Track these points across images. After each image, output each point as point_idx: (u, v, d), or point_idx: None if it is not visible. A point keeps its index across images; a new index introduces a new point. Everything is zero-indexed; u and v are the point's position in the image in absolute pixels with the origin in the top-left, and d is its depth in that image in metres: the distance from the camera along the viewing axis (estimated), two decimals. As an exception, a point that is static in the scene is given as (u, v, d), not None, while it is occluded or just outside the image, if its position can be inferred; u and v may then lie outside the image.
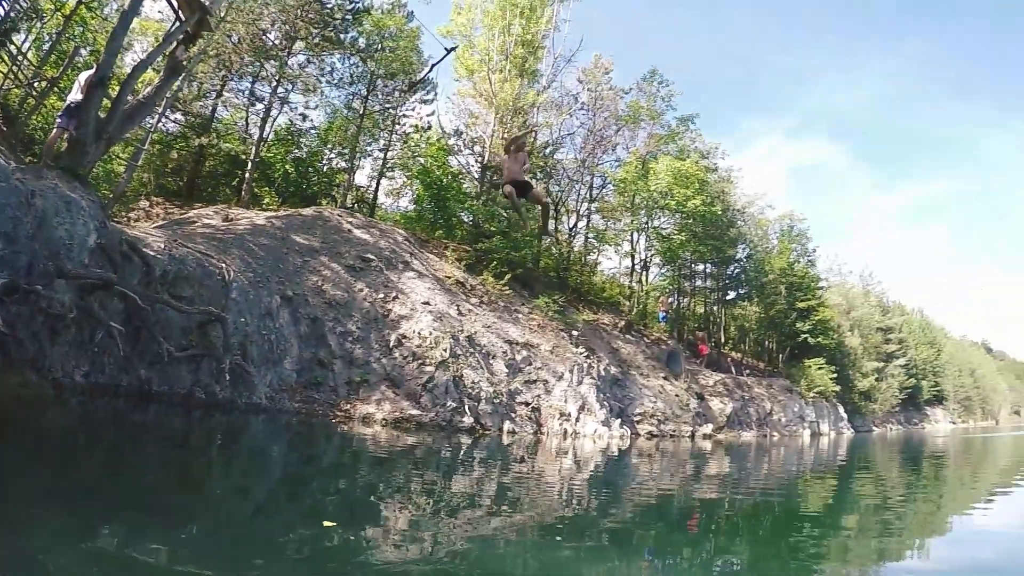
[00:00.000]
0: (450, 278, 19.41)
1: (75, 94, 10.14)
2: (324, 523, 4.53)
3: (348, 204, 24.39)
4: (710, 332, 34.57)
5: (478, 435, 13.62)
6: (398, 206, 30.90)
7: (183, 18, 11.10)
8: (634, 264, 32.66)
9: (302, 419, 11.72)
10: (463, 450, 11.26)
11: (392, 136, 27.33)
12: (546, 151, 28.10)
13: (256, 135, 22.46)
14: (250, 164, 21.49)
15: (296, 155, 25.35)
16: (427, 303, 16.19)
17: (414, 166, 26.48)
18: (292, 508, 5.58)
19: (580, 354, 18.75)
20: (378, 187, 28.11)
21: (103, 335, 9.07)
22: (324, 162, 26.70)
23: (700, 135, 32.37)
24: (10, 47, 14.25)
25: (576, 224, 31.03)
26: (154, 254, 10.53)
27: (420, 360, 14.45)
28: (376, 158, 27.58)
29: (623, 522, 6.58)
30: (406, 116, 27.32)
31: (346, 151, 25.80)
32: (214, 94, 22.46)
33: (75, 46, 16.14)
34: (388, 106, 26.32)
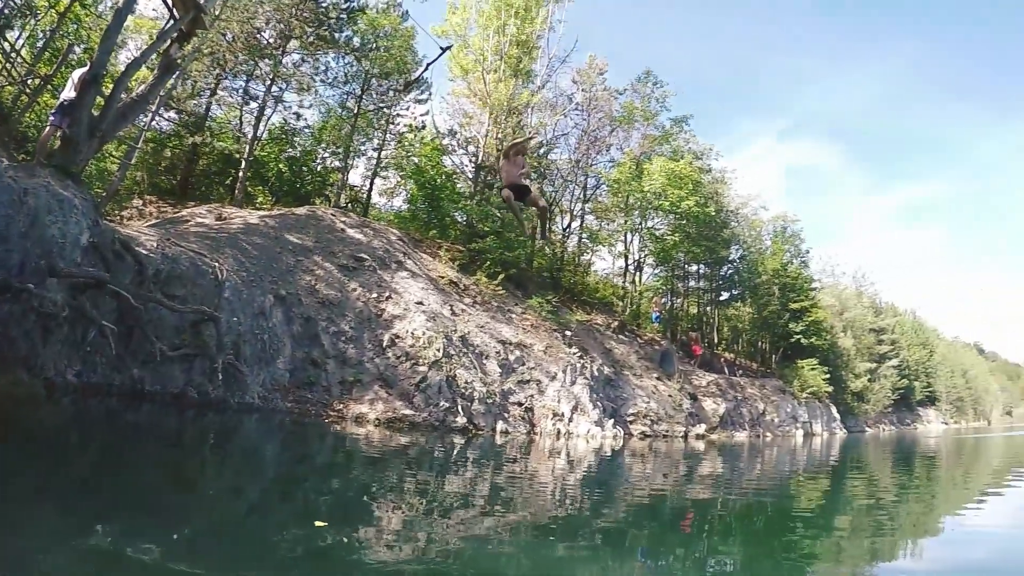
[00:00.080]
0: (444, 278, 19.40)
1: (68, 92, 10.12)
2: (316, 523, 4.54)
3: (342, 203, 24.35)
4: (703, 333, 34.62)
5: (471, 435, 13.62)
6: (392, 206, 30.98)
7: (177, 16, 11.09)
8: (627, 264, 32.78)
9: (295, 419, 11.70)
10: (456, 450, 11.27)
11: (386, 136, 27.26)
12: (540, 151, 28.11)
13: (250, 134, 22.38)
14: (244, 163, 21.42)
15: (290, 154, 25.32)
16: (420, 303, 16.19)
17: (408, 166, 26.49)
18: (285, 508, 5.58)
19: (573, 354, 18.79)
20: (372, 187, 28.10)
21: (95, 334, 9.06)
22: (318, 161, 26.66)
23: (694, 136, 32.45)
24: (4, 44, 14.20)
25: (570, 224, 31.06)
26: (147, 253, 10.50)
27: (413, 360, 14.44)
28: (370, 157, 27.52)
29: (616, 522, 6.60)
30: (400, 116, 27.28)
31: (340, 150, 25.72)
32: (208, 92, 22.39)
33: (69, 43, 16.05)
34: (382, 105, 26.24)
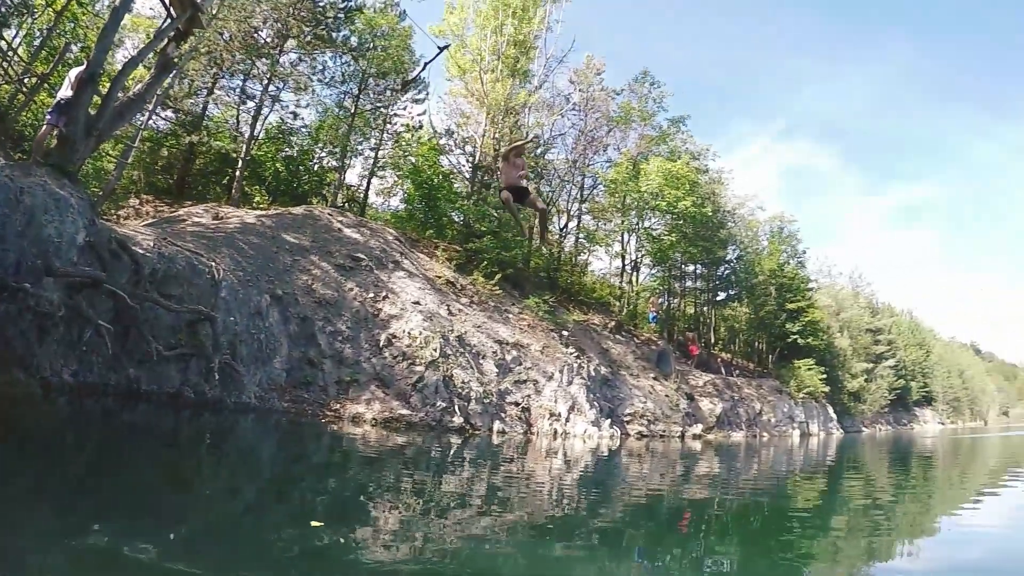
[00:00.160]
0: (440, 278, 19.39)
1: (65, 90, 10.10)
2: (312, 523, 4.53)
3: (339, 203, 24.31)
4: (700, 333, 34.66)
5: (468, 435, 13.62)
6: (389, 205, 30.92)
7: (174, 15, 11.07)
8: (624, 264, 32.83)
9: (291, 419, 11.68)
10: (453, 450, 11.27)
11: (383, 135, 27.23)
12: (537, 152, 28.11)
13: (247, 133, 22.39)
14: (240, 162, 21.41)
15: (287, 153, 25.31)
16: (417, 303, 16.18)
17: (405, 165, 26.43)
18: (281, 508, 5.58)
19: (570, 354, 18.79)
20: (369, 186, 28.08)
21: (92, 334, 9.04)
22: (315, 161, 26.64)
23: (691, 136, 32.53)
24: (1, 42, 14.17)
25: (567, 224, 31.06)
26: (143, 252, 10.48)
27: (410, 360, 14.43)
28: (367, 157, 27.50)
29: (613, 522, 6.61)
30: (397, 115, 27.25)
31: (337, 150, 25.70)
32: (205, 92, 22.37)
33: (66, 42, 16.04)
34: (379, 105, 26.23)
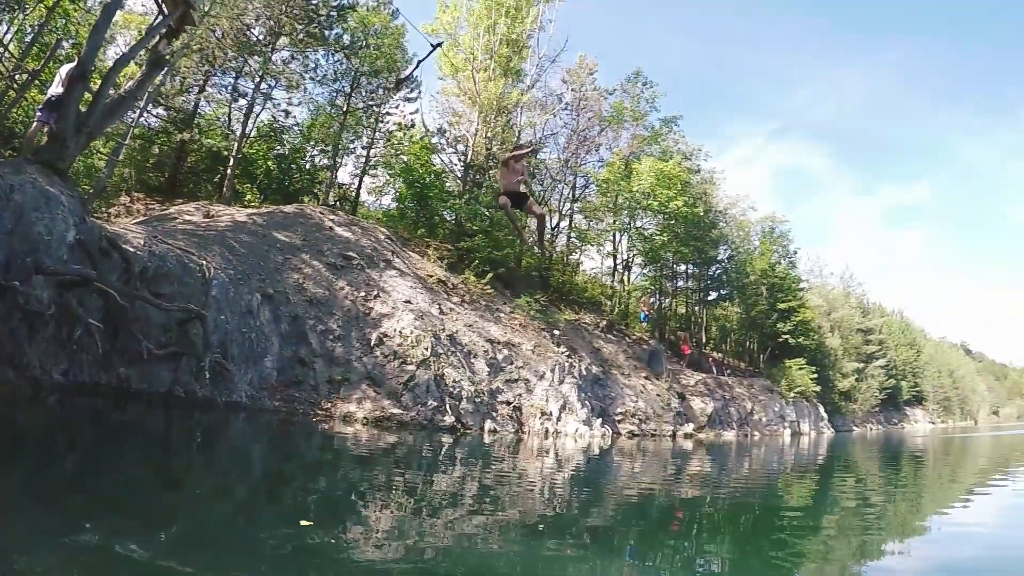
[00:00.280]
0: (432, 277, 19.39)
1: (56, 87, 10.06)
2: (302, 522, 4.53)
3: (330, 202, 24.29)
4: (692, 332, 34.80)
5: (459, 434, 13.63)
6: (380, 204, 30.81)
7: (166, 12, 11.01)
8: (616, 264, 32.95)
9: (282, 418, 11.67)
10: (444, 449, 11.28)
11: (375, 134, 27.19)
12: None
13: (238, 131, 22.30)
14: (232, 160, 21.33)
15: (278, 152, 25.20)
16: (408, 302, 16.18)
17: (397, 164, 26.39)
18: (271, 507, 5.57)
19: (561, 353, 18.83)
20: (360, 185, 28.02)
21: (82, 332, 9.00)
22: (307, 159, 26.54)
23: (683, 136, 32.70)
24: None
25: (558, 224, 31.09)
26: (134, 250, 10.44)
27: (401, 359, 14.43)
28: (359, 156, 27.44)
29: (604, 521, 6.63)
30: (390, 114, 27.25)
31: (329, 148, 25.65)
32: (196, 89, 22.31)
33: (57, 39, 15.92)
34: (372, 103, 26.20)
